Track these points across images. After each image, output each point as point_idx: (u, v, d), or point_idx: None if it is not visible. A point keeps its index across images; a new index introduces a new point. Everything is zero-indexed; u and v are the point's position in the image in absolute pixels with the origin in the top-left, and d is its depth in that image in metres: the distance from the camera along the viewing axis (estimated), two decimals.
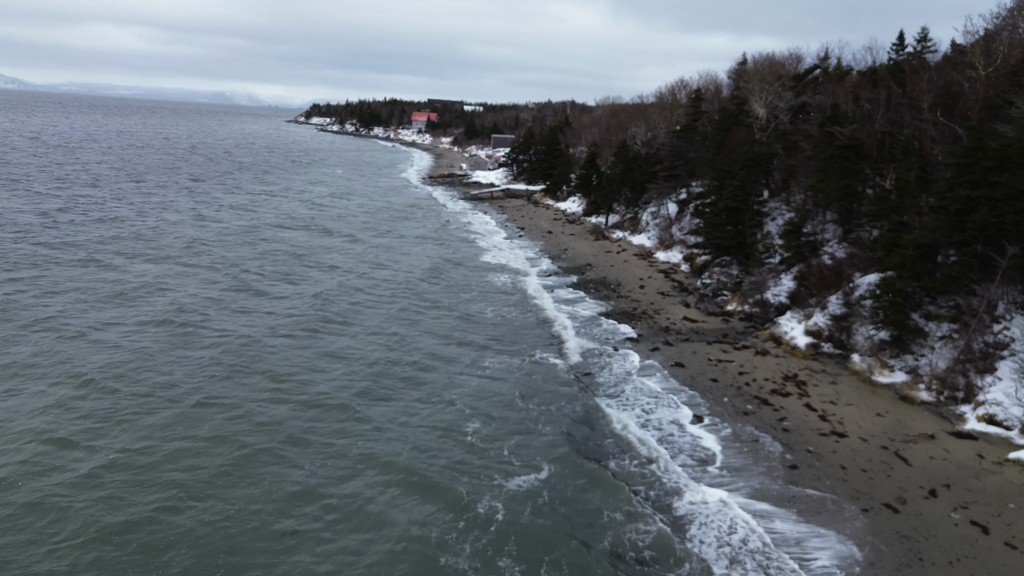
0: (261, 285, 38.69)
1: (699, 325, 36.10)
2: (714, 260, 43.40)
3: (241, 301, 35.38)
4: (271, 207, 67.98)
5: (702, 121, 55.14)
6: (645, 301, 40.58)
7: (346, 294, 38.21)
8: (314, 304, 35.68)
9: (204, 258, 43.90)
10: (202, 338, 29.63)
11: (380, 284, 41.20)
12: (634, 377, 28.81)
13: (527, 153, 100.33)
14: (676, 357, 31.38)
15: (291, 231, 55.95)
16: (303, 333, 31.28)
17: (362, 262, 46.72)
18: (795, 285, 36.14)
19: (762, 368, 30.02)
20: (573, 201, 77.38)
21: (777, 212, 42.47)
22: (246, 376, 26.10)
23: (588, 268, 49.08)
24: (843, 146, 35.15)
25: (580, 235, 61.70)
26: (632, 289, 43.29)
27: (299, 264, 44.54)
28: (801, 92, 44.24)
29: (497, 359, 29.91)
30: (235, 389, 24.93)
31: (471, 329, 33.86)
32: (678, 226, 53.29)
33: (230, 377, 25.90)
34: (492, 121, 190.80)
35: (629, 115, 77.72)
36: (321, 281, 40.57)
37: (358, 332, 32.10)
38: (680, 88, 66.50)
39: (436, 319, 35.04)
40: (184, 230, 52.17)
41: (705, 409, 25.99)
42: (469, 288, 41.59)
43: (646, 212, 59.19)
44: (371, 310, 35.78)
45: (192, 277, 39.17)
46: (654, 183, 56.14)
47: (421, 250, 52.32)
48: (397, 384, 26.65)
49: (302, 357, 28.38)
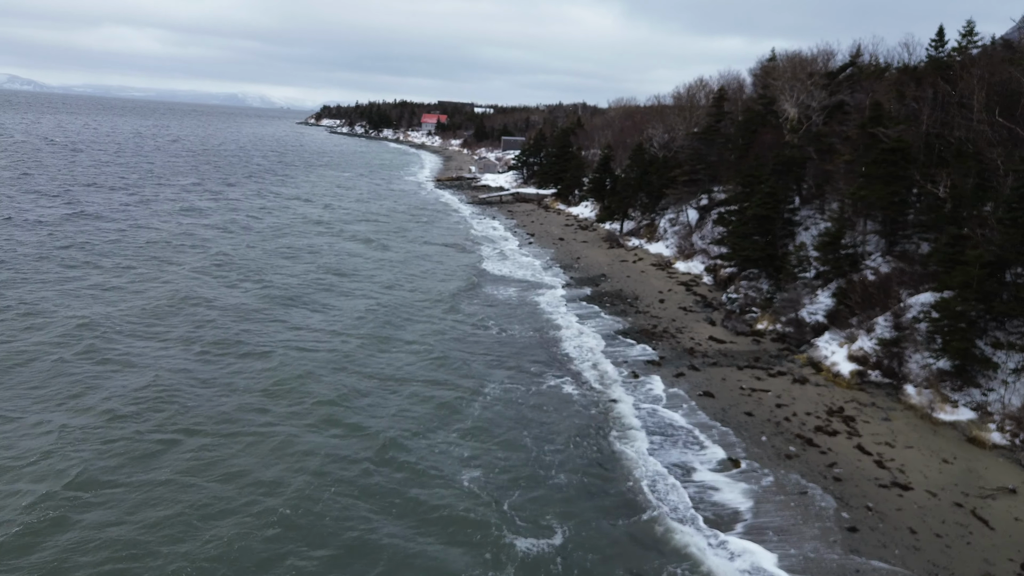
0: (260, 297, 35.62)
1: (727, 346, 32.64)
2: (740, 273, 39.94)
3: (247, 313, 32.29)
4: (278, 211, 65.03)
5: (725, 122, 51.70)
6: (666, 317, 37.15)
7: (332, 298, 35.05)
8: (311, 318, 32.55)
9: (229, 269, 40.90)
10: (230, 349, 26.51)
11: (365, 295, 38.02)
12: (659, 410, 25.40)
13: (537, 156, 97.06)
14: (704, 385, 27.97)
15: (292, 235, 52.93)
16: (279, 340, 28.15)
17: (355, 270, 43.55)
18: (833, 302, 32.64)
19: (802, 399, 26.55)
20: (585, 206, 74.04)
21: (810, 221, 38.94)
22: (249, 395, 22.94)
23: (602, 279, 45.71)
24: (889, 149, 31.64)
25: (593, 243, 58.34)
26: (651, 303, 39.88)
27: (300, 271, 41.46)
28: (835, 91, 40.77)
29: (502, 387, 26.59)
30: (233, 405, 21.77)
31: (473, 350, 30.57)
32: (699, 234, 49.83)
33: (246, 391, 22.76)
34: (502, 123, 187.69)
35: (645, 117, 74.29)
36: (319, 292, 37.44)
37: (344, 341, 28.91)
38: (699, 88, 63.15)
39: (434, 336, 31.79)
40: (207, 235, 49.25)
41: (741, 450, 22.58)
42: (472, 300, 38.32)
43: (664, 219, 55.76)
44: (361, 319, 32.57)
45: (213, 287, 36.15)
46: (673, 188, 52.74)
47: (424, 257, 49.13)
48: (389, 416, 23.37)
49: (276, 377, 25.22)
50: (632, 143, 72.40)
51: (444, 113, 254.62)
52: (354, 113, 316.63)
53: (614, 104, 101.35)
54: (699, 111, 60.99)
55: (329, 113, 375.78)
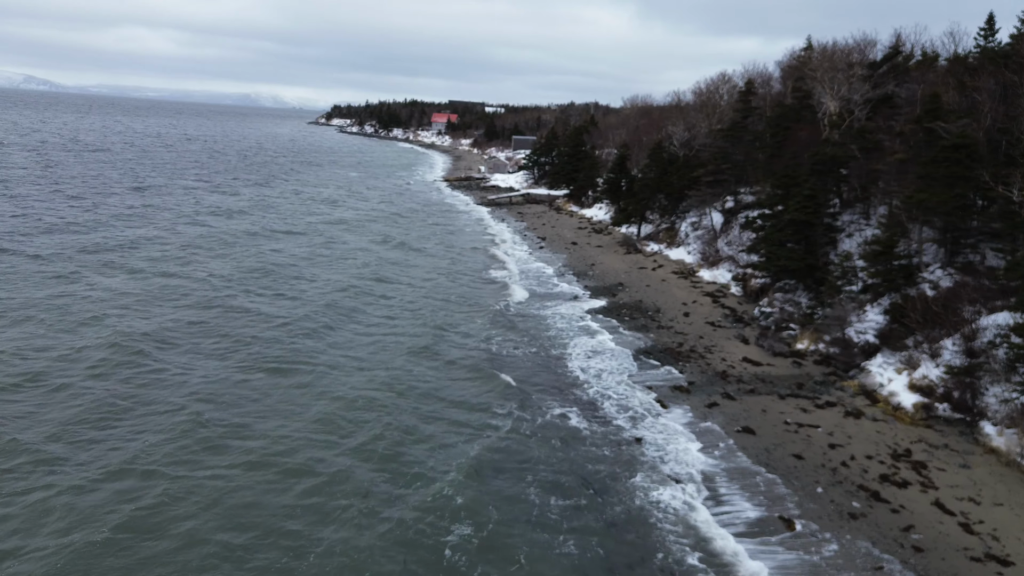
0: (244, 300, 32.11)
1: (764, 370, 28.76)
2: (774, 284, 36.02)
3: (214, 319, 28.80)
4: (283, 213, 61.69)
5: (752, 118, 47.75)
6: (692, 334, 33.30)
7: (333, 312, 31.46)
8: (301, 329, 29.00)
9: (267, 277, 37.53)
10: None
11: (375, 303, 34.40)
12: (691, 451, 21.59)
13: (549, 155, 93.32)
14: (742, 417, 24.14)
15: (291, 240, 49.47)
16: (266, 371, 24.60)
17: (360, 278, 39.95)
18: (886, 320, 28.69)
19: (859, 438, 22.66)
20: (600, 208, 70.21)
21: (853, 227, 34.96)
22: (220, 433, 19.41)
23: (620, 288, 41.90)
24: (951, 146, 27.66)
25: (608, 247, 54.52)
26: (675, 317, 36.03)
27: (291, 277, 37.93)
28: (880, 82, 36.77)
29: (505, 418, 22.89)
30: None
31: (474, 371, 26.89)
32: (724, 240, 45.90)
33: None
34: (513, 122, 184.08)
35: (663, 114, 70.38)
36: (314, 299, 33.88)
37: (330, 361, 25.35)
38: (722, 83, 59.19)
39: (433, 355, 28.13)
40: (235, 239, 45.94)
41: (793, 506, 18.74)
42: (474, 312, 34.62)
43: (685, 222, 51.85)
44: (360, 337, 28.96)
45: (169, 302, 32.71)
46: (695, 189, 48.85)
47: (426, 262, 45.50)
48: (374, 457, 19.73)
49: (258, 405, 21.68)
50: (649, 142, 68.53)
51: (455, 113, 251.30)
52: (364, 113, 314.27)
53: (629, 102, 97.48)
54: (722, 107, 57.04)
55: (340, 113, 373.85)
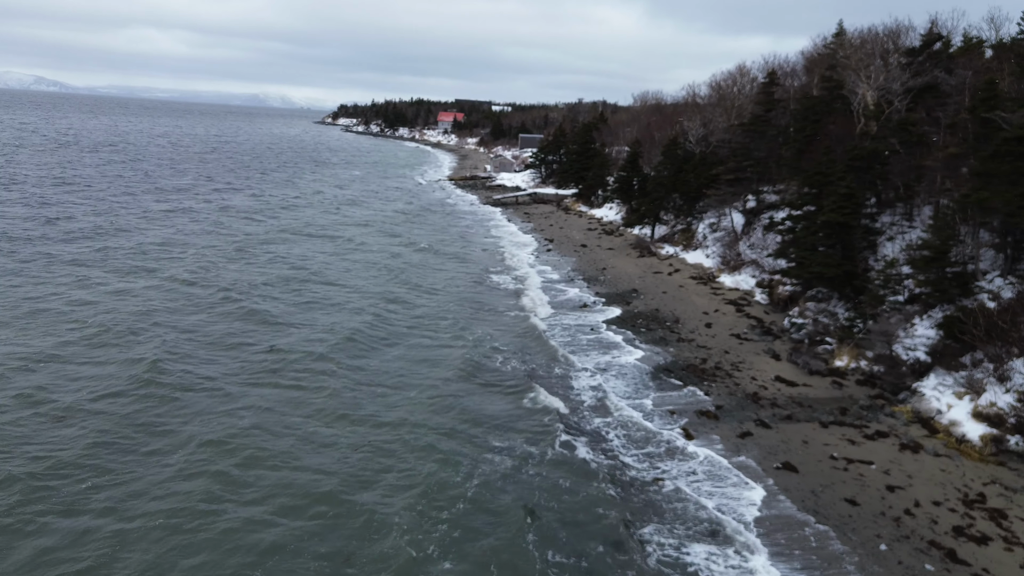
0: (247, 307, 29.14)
1: (801, 391, 25.55)
2: (805, 292, 32.77)
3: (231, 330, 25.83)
4: (287, 216, 58.80)
5: (776, 112, 44.47)
6: (716, 348, 30.11)
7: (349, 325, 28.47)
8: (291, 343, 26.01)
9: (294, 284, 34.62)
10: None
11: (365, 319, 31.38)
12: (725, 496, 18.41)
13: (557, 153, 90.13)
14: (780, 450, 20.98)
15: (300, 245, 46.55)
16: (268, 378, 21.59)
17: (342, 285, 36.94)
18: (938, 335, 25.43)
19: (921, 478, 19.44)
20: (610, 208, 67.07)
21: (895, 230, 31.67)
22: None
23: (634, 295, 38.72)
24: (1015, 138, 24.38)
25: (620, 250, 51.35)
26: (696, 328, 32.84)
27: (289, 287, 34.96)
28: (920, 70, 33.47)
29: (500, 454, 19.78)
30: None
31: (472, 393, 23.81)
32: (746, 242, 42.65)
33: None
34: (520, 121, 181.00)
35: (677, 110, 67.10)
36: (339, 310, 30.88)
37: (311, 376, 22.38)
38: (741, 75, 55.91)
39: (421, 369, 25.08)
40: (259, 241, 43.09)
41: (854, 568, 15.58)
42: (475, 321, 31.53)
43: (702, 224, 48.62)
44: (343, 339, 25.93)
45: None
46: (714, 188, 45.62)
47: (425, 267, 42.47)
48: (349, 489, 16.69)
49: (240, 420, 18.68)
50: (662, 139, 65.27)
51: (461, 111, 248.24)
52: (370, 112, 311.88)
53: (639, 98, 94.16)
54: (741, 101, 53.75)
55: (346, 112, 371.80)
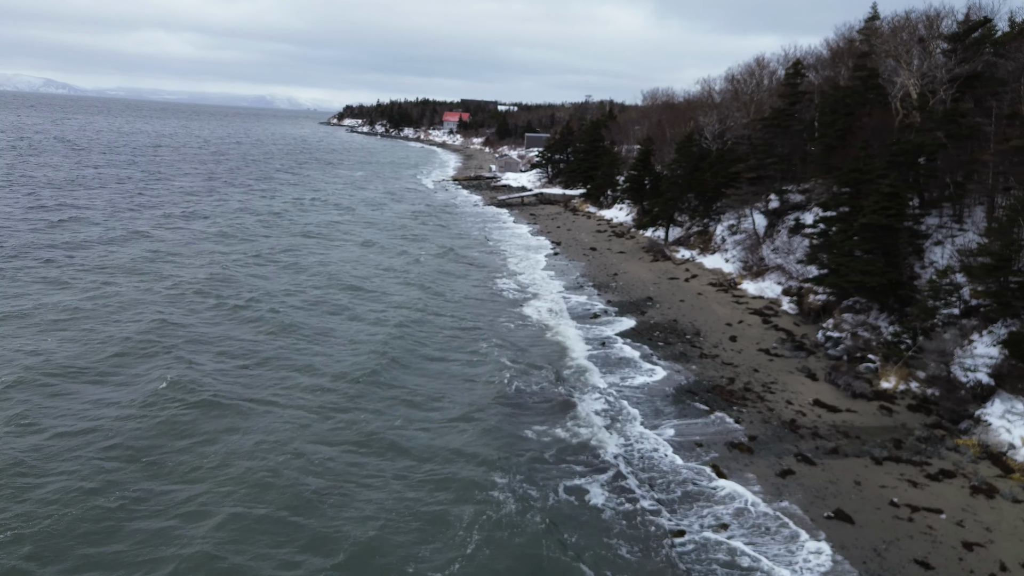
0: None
1: (845, 418, 22.42)
2: (840, 302, 29.61)
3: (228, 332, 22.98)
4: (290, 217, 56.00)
5: (802, 105, 41.26)
6: (744, 365, 26.99)
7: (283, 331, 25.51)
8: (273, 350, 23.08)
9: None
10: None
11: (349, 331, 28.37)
12: (768, 556, 15.32)
13: (564, 152, 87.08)
14: (829, 493, 17.88)
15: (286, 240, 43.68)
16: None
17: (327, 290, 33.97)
18: (1002, 354, 22.25)
19: (1002, 532, 16.29)
20: (620, 209, 63.98)
21: (942, 233, 28.46)
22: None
23: (649, 304, 35.64)
24: None
25: (632, 253, 48.25)
26: (720, 342, 29.72)
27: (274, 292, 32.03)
28: (967, 56, 30.27)
29: (497, 505, 16.74)
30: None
31: (468, 420, 20.78)
32: (769, 245, 39.49)
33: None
34: (526, 120, 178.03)
35: (691, 105, 63.93)
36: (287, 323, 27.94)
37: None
38: (760, 68, 52.70)
39: (417, 390, 22.07)
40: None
41: None
42: (477, 334, 28.50)
43: (721, 225, 45.48)
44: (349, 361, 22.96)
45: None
46: (733, 187, 42.48)
47: (431, 274, 39.48)
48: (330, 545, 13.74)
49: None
50: (675, 136, 62.14)
51: (467, 111, 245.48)
52: (375, 112, 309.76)
53: (649, 95, 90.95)
54: (761, 95, 50.59)
55: (351, 113, 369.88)
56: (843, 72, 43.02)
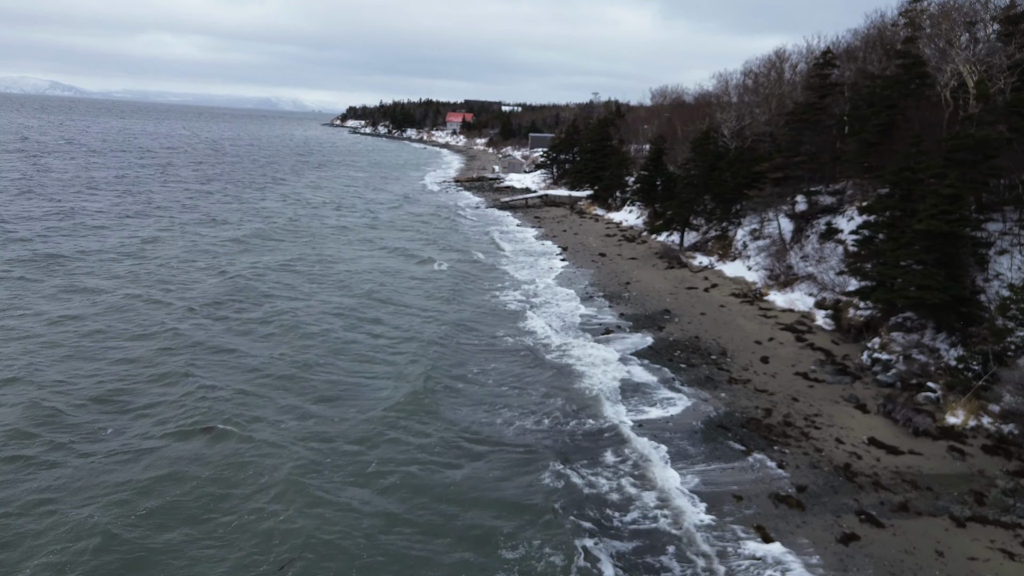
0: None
1: (909, 462, 18.86)
2: (887, 318, 26.02)
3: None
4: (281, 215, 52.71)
5: (832, 99, 37.69)
6: (781, 393, 23.44)
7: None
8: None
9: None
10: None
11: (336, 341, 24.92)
12: None
13: (570, 152, 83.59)
14: (907, 568, 14.35)
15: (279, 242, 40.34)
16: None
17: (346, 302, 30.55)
18: None
19: None
20: (630, 211, 60.43)
21: (1007, 241, 24.83)
22: None
23: (667, 318, 32.10)
24: None
25: (645, 260, 44.70)
26: (750, 364, 26.17)
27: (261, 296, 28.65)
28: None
29: (496, 558, 13.30)
30: None
31: (458, 474, 17.32)
32: (798, 252, 35.92)
33: None
34: (530, 120, 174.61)
35: (708, 101, 60.34)
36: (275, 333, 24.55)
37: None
38: (780, 60, 49.13)
39: (407, 423, 18.63)
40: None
41: None
42: (478, 355, 25.02)
43: (741, 229, 41.92)
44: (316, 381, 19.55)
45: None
46: (756, 188, 38.94)
47: (427, 283, 36.06)
48: None
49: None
50: (688, 134, 58.60)
51: (470, 112, 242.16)
52: (378, 113, 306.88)
53: (658, 93, 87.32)
54: (783, 89, 47.03)
55: (354, 114, 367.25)
56: (875, 62, 39.44)
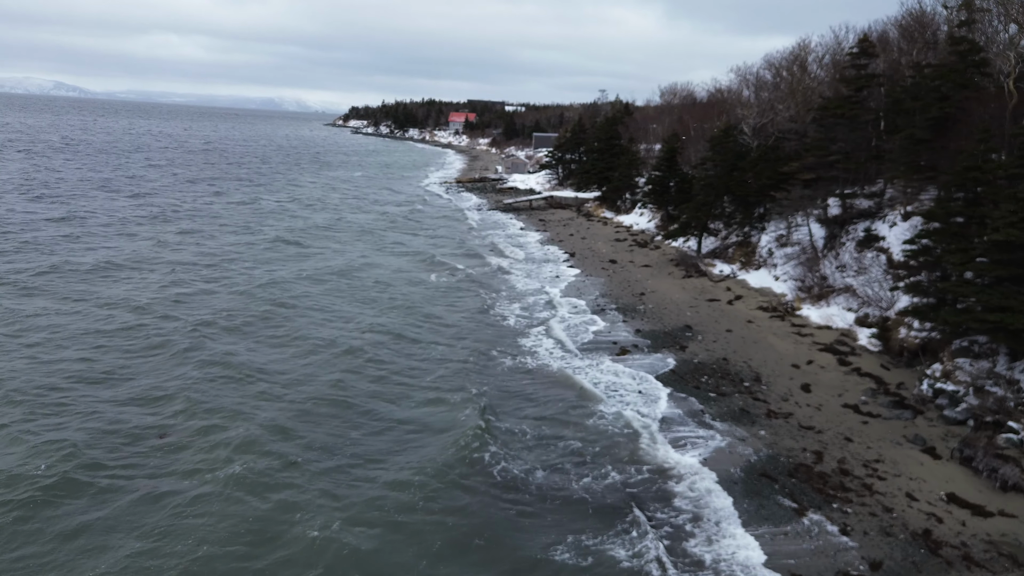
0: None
1: (1003, 527, 15.35)
2: (949, 341, 22.48)
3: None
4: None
5: (869, 92, 34.15)
6: (830, 431, 19.94)
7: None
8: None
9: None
10: None
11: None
12: None
13: (576, 152, 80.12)
14: None
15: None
16: None
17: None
18: None
19: None
20: (640, 214, 56.94)
21: None
22: None
23: (688, 335, 28.60)
24: None
25: (659, 268, 41.21)
26: (788, 392, 22.66)
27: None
28: None
29: None
30: None
31: (438, 537, 13.89)
32: (833, 262, 32.39)
33: None
34: (534, 120, 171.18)
35: (724, 100, 56.83)
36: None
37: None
38: (804, 52, 45.63)
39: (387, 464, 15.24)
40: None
41: None
42: (463, 380, 21.59)
43: (766, 235, 38.42)
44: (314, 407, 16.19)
45: None
46: (783, 190, 35.46)
47: (427, 294, 32.65)
48: None
49: None
50: (700, 133, 55.16)
51: (473, 111, 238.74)
52: (380, 113, 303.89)
53: (668, 90, 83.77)
54: (808, 82, 43.51)
55: (357, 114, 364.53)
56: (915, 52, 35.95)
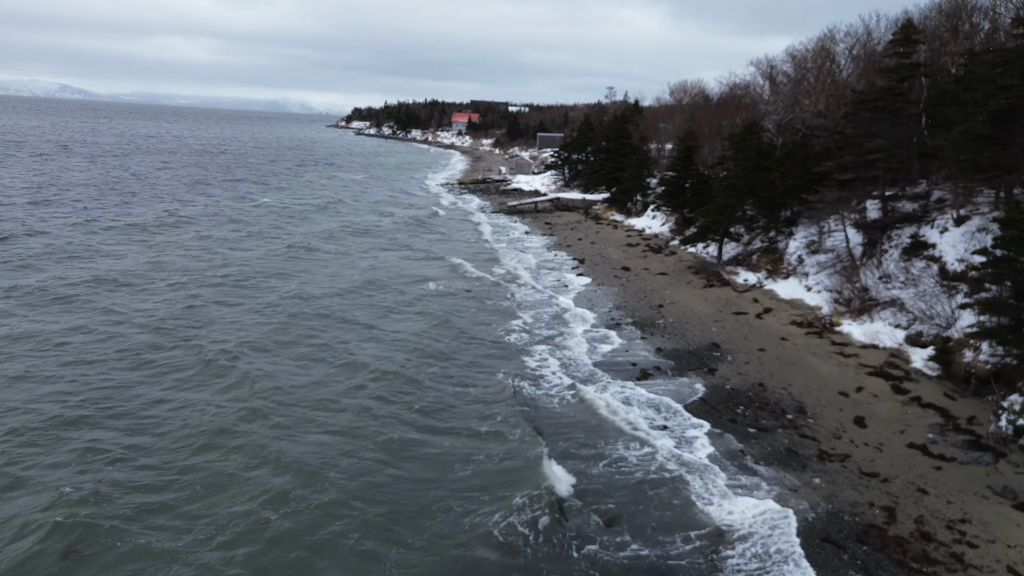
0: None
1: None
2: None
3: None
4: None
5: (910, 84, 30.85)
6: (897, 477, 16.66)
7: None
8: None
9: None
10: None
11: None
12: None
13: (583, 151, 76.93)
14: None
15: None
16: None
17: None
18: None
19: None
20: (653, 217, 53.74)
21: None
22: None
23: (716, 355, 25.34)
24: None
25: (677, 275, 37.94)
26: (840, 428, 19.38)
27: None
28: None
29: None
30: None
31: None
32: (874, 272, 29.06)
33: None
34: (538, 120, 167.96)
35: (740, 96, 53.54)
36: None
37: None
38: (830, 42, 42.32)
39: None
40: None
41: None
42: (459, 412, 18.39)
43: (795, 241, 35.15)
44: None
45: None
46: (815, 192, 32.18)
47: (429, 306, 29.45)
48: None
49: None
50: (714, 131, 51.92)
51: (476, 112, 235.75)
52: (382, 114, 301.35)
53: (678, 88, 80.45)
54: (836, 75, 40.23)
55: (360, 115, 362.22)
56: (959, 40, 32.67)
